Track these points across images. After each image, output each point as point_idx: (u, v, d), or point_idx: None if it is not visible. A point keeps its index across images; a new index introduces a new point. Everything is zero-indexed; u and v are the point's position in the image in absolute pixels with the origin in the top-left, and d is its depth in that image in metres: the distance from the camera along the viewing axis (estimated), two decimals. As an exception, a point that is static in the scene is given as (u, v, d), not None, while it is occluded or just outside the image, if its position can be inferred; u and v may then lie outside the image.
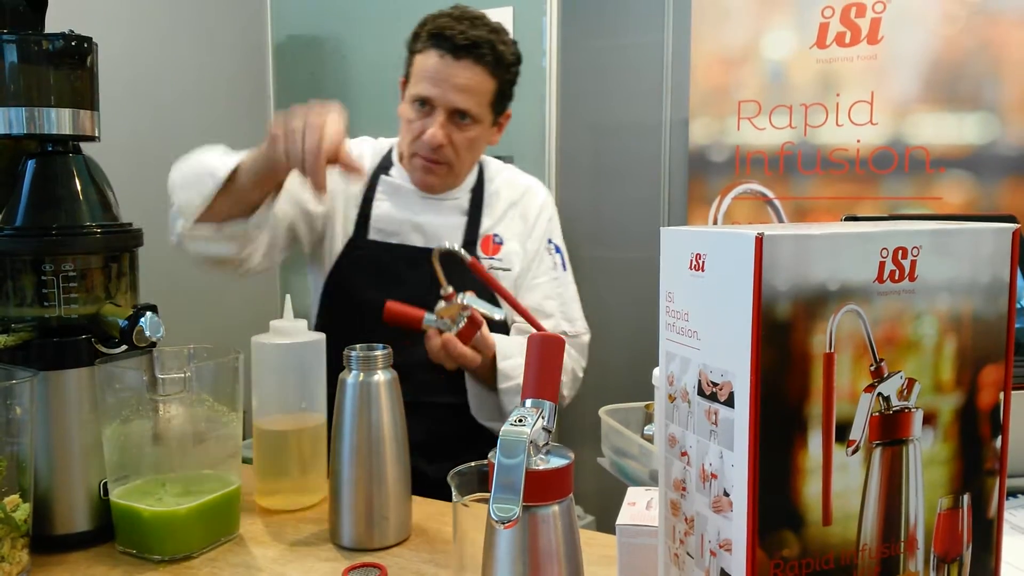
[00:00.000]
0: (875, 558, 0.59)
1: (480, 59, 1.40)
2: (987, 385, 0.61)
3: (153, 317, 0.91)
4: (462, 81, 1.39)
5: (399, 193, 1.51)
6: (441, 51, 1.39)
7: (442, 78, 1.39)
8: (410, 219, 1.49)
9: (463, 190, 1.54)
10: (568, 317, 1.59)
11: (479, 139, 1.47)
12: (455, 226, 1.51)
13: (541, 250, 1.58)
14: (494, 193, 1.56)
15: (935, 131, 1.97)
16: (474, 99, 1.41)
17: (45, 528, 0.90)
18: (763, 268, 0.55)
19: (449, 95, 1.39)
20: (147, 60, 2.37)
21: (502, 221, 1.55)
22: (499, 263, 1.52)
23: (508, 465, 0.59)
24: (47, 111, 0.91)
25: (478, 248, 1.51)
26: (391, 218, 1.49)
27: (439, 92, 1.39)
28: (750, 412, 0.56)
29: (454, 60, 1.38)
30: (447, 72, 1.38)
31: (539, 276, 1.57)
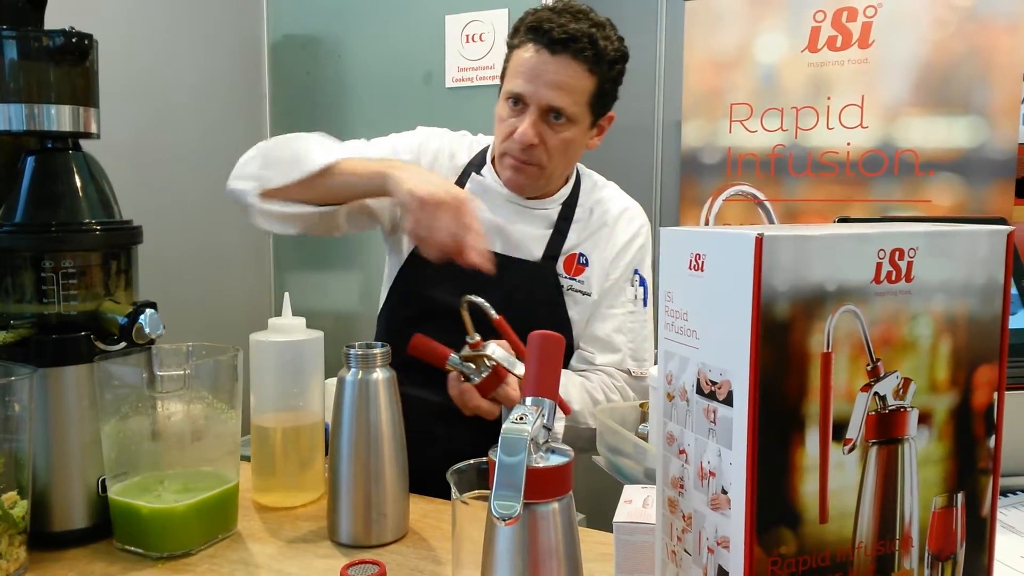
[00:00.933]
0: (871, 555, 0.60)
1: (578, 54, 1.30)
2: (981, 385, 0.63)
3: (153, 314, 0.92)
4: (557, 77, 1.30)
5: (487, 194, 1.42)
6: (538, 45, 1.31)
7: (536, 74, 1.30)
8: (493, 222, 1.39)
9: (555, 200, 1.44)
10: (637, 356, 1.47)
11: (575, 141, 1.37)
12: (539, 237, 1.42)
13: (624, 280, 1.47)
14: (588, 210, 1.46)
15: (925, 134, 1.99)
16: (569, 97, 1.32)
17: (43, 525, 0.91)
18: (762, 268, 0.55)
19: (542, 91, 1.31)
20: (144, 59, 2.37)
21: (590, 240, 1.45)
22: (580, 285, 1.42)
23: (509, 463, 0.60)
24: (47, 108, 0.91)
25: (560, 265, 1.41)
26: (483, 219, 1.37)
27: (532, 88, 1.31)
28: (748, 411, 0.57)
29: (550, 55, 1.30)
30: (542, 67, 1.30)
31: (615, 307, 1.45)
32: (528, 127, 1.31)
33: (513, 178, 1.39)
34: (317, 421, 1.05)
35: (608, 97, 1.40)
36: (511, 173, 1.38)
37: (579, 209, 1.46)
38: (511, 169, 1.38)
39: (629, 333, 1.46)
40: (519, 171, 1.37)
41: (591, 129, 1.40)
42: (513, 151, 1.35)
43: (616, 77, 1.39)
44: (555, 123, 1.33)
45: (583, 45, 1.30)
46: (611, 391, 1.41)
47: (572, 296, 1.41)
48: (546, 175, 1.39)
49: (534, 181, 1.39)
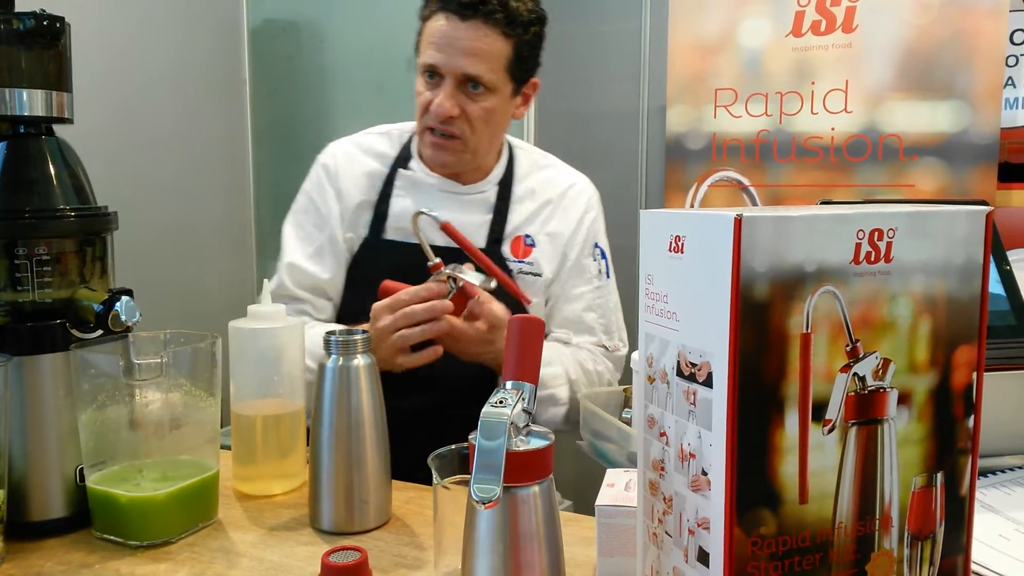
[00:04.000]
0: (851, 535, 0.60)
1: (489, 17, 1.27)
2: (960, 365, 0.63)
3: (129, 301, 0.90)
4: (469, 44, 1.26)
5: (418, 188, 1.39)
6: (447, 12, 1.27)
7: (447, 42, 1.27)
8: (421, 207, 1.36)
9: (490, 181, 1.42)
10: (607, 330, 1.47)
11: (496, 111, 1.33)
12: (481, 224, 1.39)
13: (585, 257, 1.45)
14: (530, 189, 1.44)
15: (908, 119, 2.00)
16: (485, 64, 1.28)
17: (20, 515, 0.90)
18: (742, 250, 0.55)
19: (456, 60, 1.27)
20: (121, 43, 2.34)
21: (535, 221, 1.42)
22: (528, 267, 1.40)
23: (489, 447, 0.59)
24: (19, 92, 0.90)
25: (506, 248, 1.39)
26: (409, 216, 1.34)
27: (445, 57, 1.27)
28: (728, 392, 0.57)
29: (460, 21, 1.26)
30: (453, 35, 1.26)
31: (581, 286, 1.45)
32: (444, 98, 1.28)
33: (436, 156, 1.35)
34: (298, 409, 1.05)
35: (528, 62, 1.36)
36: (433, 151, 1.35)
37: (518, 187, 1.43)
38: (432, 147, 1.34)
39: (598, 309, 1.46)
40: (441, 148, 1.34)
41: (515, 97, 1.37)
42: (432, 123, 1.31)
43: (534, 40, 1.35)
44: (473, 92, 1.30)
45: (493, 7, 1.27)
46: (597, 363, 1.43)
47: (523, 279, 1.39)
48: (471, 149, 1.35)
49: (458, 156, 1.36)
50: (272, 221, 2.72)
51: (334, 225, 1.41)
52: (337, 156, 1.45)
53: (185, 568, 0.85)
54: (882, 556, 0.62)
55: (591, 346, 1.45)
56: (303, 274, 1.41)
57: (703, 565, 0.60)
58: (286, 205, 1.50)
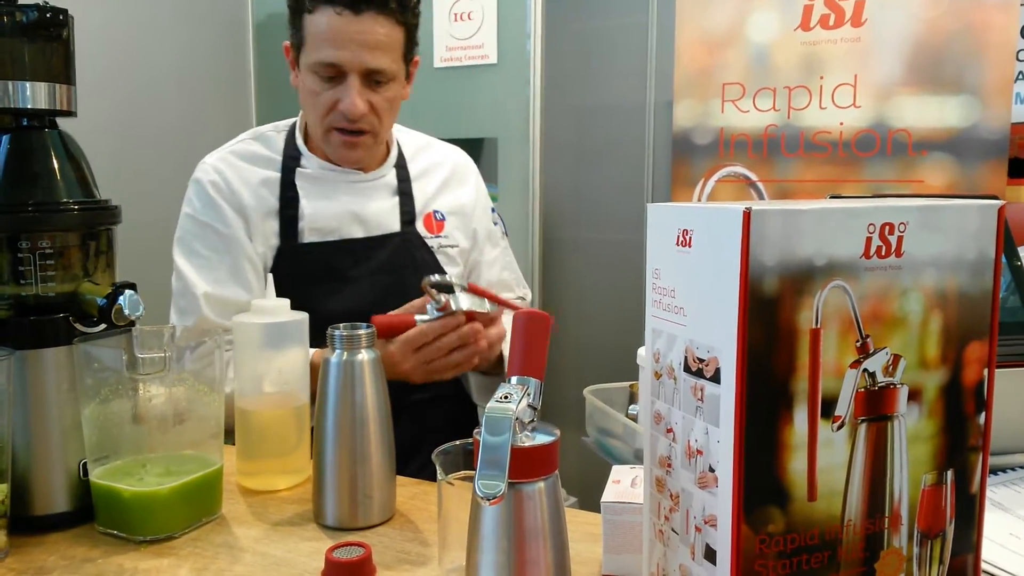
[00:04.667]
0: (859, 534, 0.60)
1: (384, 7, 1.23)
2: (972, 362, 0.62)
3: (132, 295, 0.90)
4: (371, 37, 1.23)
5: (321, 184, 1.35)
6: (337, 7, 1.21)
7: (347, 38, 1.22)
8: (345, 210, 1.35)
9: (388, 165, 1.42)
10: (519, 282, 1.57)
11: (397, 98, 1.33)
12: (391, 208, 1.39)
13: (487, 222, 1.52)
14: (421, 169, 1.46)
15: (917, 114, 1.98)
16: (387, 55, 1.25)
17: (24, 509, 0.89)
18: (751, 243, 0.54)
19: (360, 55, 1.23)
20: (126, 38, 2.33)
21: (438, 197, 1.46)
22: (446, 240, 1.43)
23: (493, 442, 0.59)
24: (22, 85, 0.89)
25: (420, 226, 1.41)
26: (324, 214, 1.34)
27: (347, 54, 1.22)
28: (736, 388, 0.56)
29: (355, 15, 1.21)
30: (351, 30, 1.21)
31: (493, 250, 1.53)
32: (355, 97, 1.25)
33: (348, 154, 1.34)
34: (302, 404, 1.04)
35: (414, 43, 1.34)
36: (345, 150, 1.33)
37: (412, 167, 1.45)
38: (344, 146, 1.32)
39: (509, 267, 1.56)
40: (354, 146, 1.32)
41: (405, 79, 1.35)
42: (340, 123, 1.29)
43: (418, 21, 1.33)
44: (378, 85, 1.28)
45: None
46: None
47: (443, 253, 1.42)
48: (379, 140, 1.36)
49: (369, 150, 1.35)
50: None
51: (242, 241, 1.34)
52: (220, 170, 1.37)
53: (188, 563, 0.84)
54: (891, 554, 0.61)
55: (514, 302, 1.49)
56: (225, 302, 1.30)
57: (710, 563, 0.59)
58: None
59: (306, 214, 1.34)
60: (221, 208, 1.34)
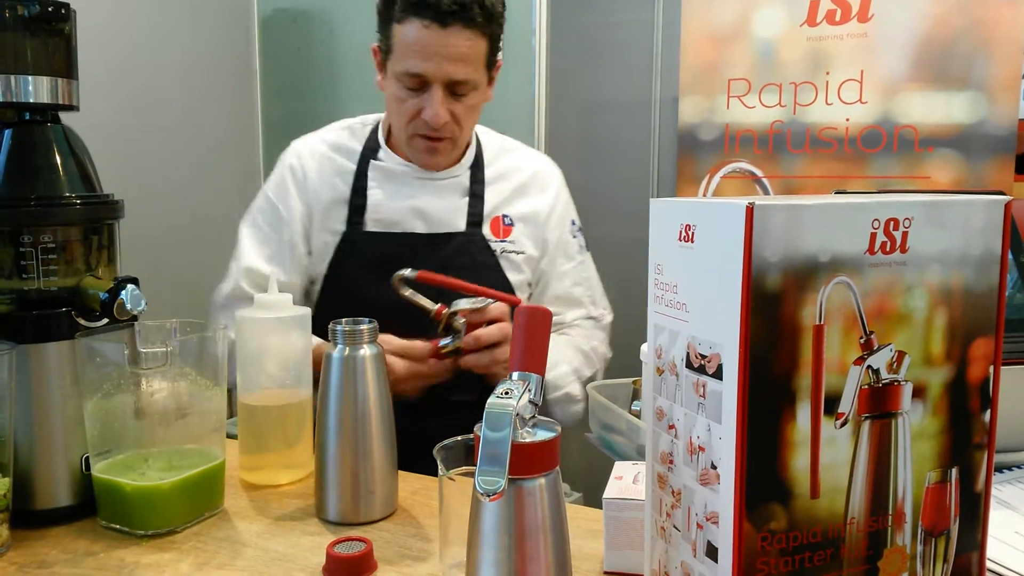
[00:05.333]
0: (863, 531, 0.59)
1: (471, 22, 1.25)
2: (977, 358, 0.61)
3: (134, 290, 0.90)
4: (456, 50, 1.25)
5: (393, 178, 1.40)
6: (425, 20, 1.24)
7: (432, 50, 1.25)
8: (409, 204, 1.38)
9: (463, 166, 1.43)
10: (593, 301, 1.53)
11: (479, 105, 1.36)
12: (458, 207, 1.41)
13: (565, 235, 1.49)
14: (498, 172, 1.46)
15: (924, 110, 1.97)
16: (471, 66, 1.28)
17: (26, 503, 0.89)
18: (753, 239, 0.54)
19: (445, 67, 1.26)
20: (131, 34, 2.33)
21: (511, 202, 1.45)
22: (511, 246, 1.42)
23: (494, 438, 0.58)
24: (24, 79, 0.89)
25: (486, 229, 1.41)
26: (388, 206, 1.38)
27: (433, 66, 1.26)
28: (738, 384, 0.55)
29: (442, 28, 1.24)
30: (437, 43, 1.25)
31: (566, 263, 1.49)
32: (439, 107, 1.28)
33: (430, 159, 1.37)
34: (304, 398, 1.04)
35: (497, 49, 1.35)
36: (426, 155, 1.37)
37: (489, 170, 1.45)
38: (426, 152, 1.36)
39: (584, 283, 1.52)
40: (435, 151, 1.36)
41: (487, 85, 1.37)
42: (424, 131, 1.32)
43: (502, 28, 1.34)
44: (460, 95, 1.30)
45: (474, 11, 1.25)
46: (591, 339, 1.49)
47: (507, 258, 1.42)
48: (459, 145, 1.39)
49: (449, 154, 1.39)
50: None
51: (295, 229, 1.41)
52: (303, 156, 1.44)
53: (190, 558, 0.84)
54: (895, 552, 0.60)
55: (581, 321, 1.50)
56: (261, 277, 1.38)
57: (712, 560, 0.59)
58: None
59: (371, 204, 1.39)
60: (289, 193, 1.42)
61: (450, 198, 1.41)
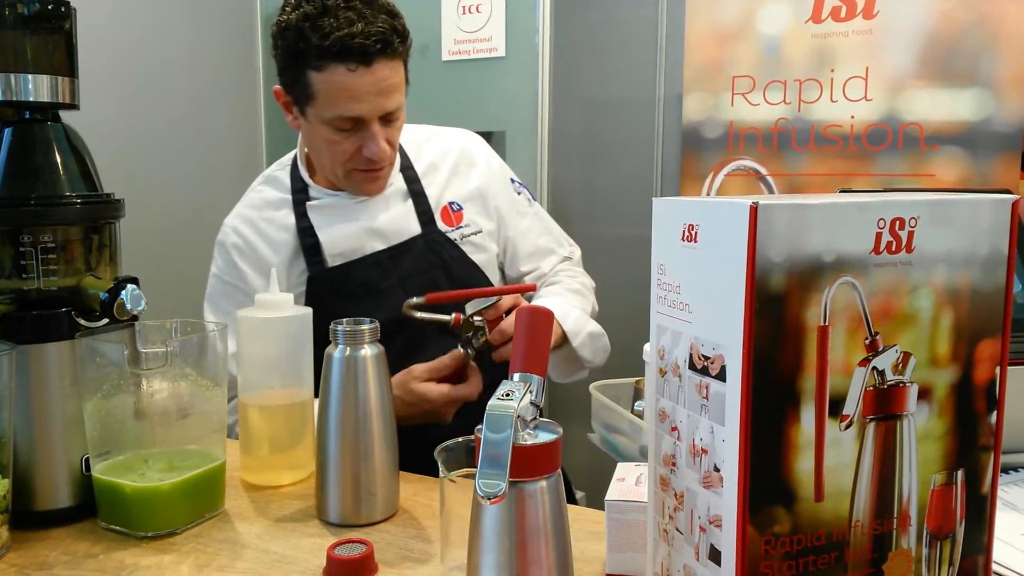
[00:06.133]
0: (867, 534, 0.58)
1: (393, 53, 1.22)
2: (983, 360, 0.60)
3: (134, 289, 0.89)
4: (385, 84, 1.22)
5: (334, 211, 1.36)
6: (349, 64, 1.19)
7: (363, 91, 1.21)
8: (360, 227, 1.36)
9: (393, 174, 1.41)
10: (560, 243, 1.55)
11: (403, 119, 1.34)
12: (405, 213, 1.38)
13: (511, 194, 1.50)
14: (427, 165, 1.44)
15: (930, 107, 1.96)
16: (399, 91, 1.26)
17: (26, 504, 0.89)
18: (757, 238, 0.53)
19: (378, 103, 1.23)
20: (134, 33, 2.33)
21: (450, 187, 1.44)
22: (468, 228, 1.42)
23: (495, 440, 0.58)
24: (24, 77, 0.88)
25: (440, 223, 1.40)
26: (342, 238, 1.35)
27: (367, 107, 1.22)
28: (742, 386, 0.55)
29: (368, 68, 1.20)
30: (366, 83, 1.21)
31: (523, 220, 1.50)
32: (380, 142, 1.26)
33: (372, 187, 1.35)
34: (305, 399, 1.04)
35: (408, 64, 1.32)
36: (369, 184, 1.34)
37: (419, 166, 1.44)
38: (367, 182, 1.34)
39: (546, 232, 1.53)
40: (376, 179, 1.34)
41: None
42: (364, 167, 1.30)
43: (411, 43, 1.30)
44: (392, 120, 1.28)
45: (394, 42, 1.22)
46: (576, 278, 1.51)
47: (468, 243, 1.41)
48: (394, 163, 1.38)
49: (388, 175, 1.37)
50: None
51: None
52: (241, 231, 1.40)
53: (190, 559, 0.84)
54: (900, 556, 0.60)
55: (559, 265, 1.52)
56: None
57: (715, 563, 0.58)
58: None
59: (325, 242, 1.36)
60: (243, 271, 1.38)
61: (395, 207, 1.39)
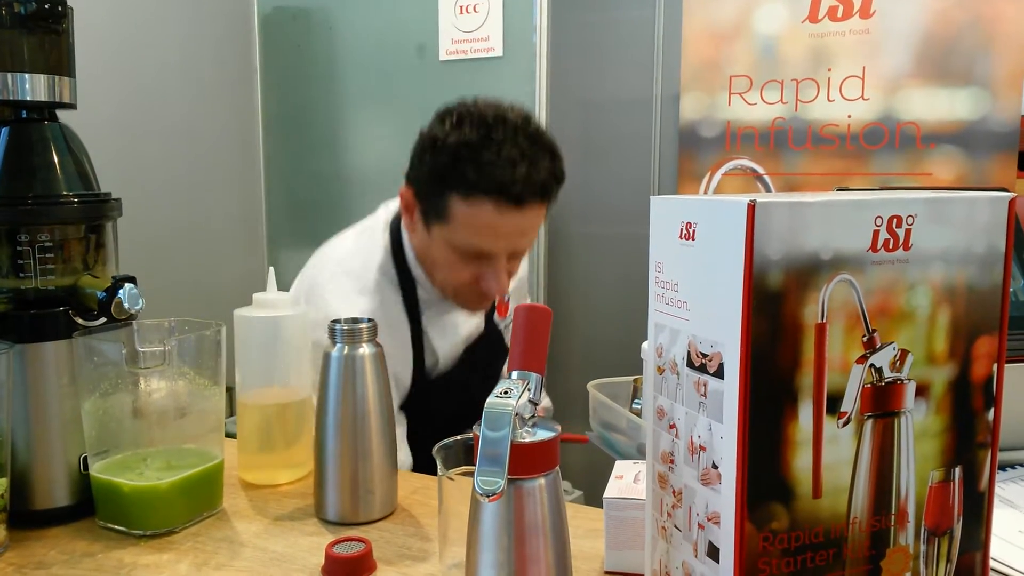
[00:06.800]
0: (865, 531, 0.59)
1: (546, 197, 1.18)
2: (980, 357, 0.61)
3: (132, 289, 0.89)
4: (527, 225, 1.17)
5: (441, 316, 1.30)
6: (499, 202, 1.13)
7: (505, 231, 1.16)
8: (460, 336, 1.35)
9: None
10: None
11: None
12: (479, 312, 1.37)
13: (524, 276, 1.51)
14: None
15: (926, 107, 1.96)
16: (534, 232, 1.21)
17: (24, 503, 0.89)
18: (755, 236, 0.53)
19: (514, 243, 1.18)
20: (130, 31, 2.33)
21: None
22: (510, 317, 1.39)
23: (493, 438, 0.58)
24: (21, 76, 0.88)
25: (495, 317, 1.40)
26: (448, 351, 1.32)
27: (503, 244, 1.17)
28: (740, 383, 0.55)
29: (517, 208, 1.14)
30: (511, 224, 1.15)
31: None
32: (503, 279, 1.21)
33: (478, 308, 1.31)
34: (303, 397, 1.04)
35: None
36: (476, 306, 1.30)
37: None
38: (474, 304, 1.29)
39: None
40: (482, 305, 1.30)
41: None
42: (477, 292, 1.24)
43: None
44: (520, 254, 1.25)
45: (551, 187, 1.18)
46: None
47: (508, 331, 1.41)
48: None
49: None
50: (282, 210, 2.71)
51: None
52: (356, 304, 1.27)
53: (188, 558, 0.84)
54: (897, 552, 0.60)
55: None
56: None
57: (713, 560, 0.59)
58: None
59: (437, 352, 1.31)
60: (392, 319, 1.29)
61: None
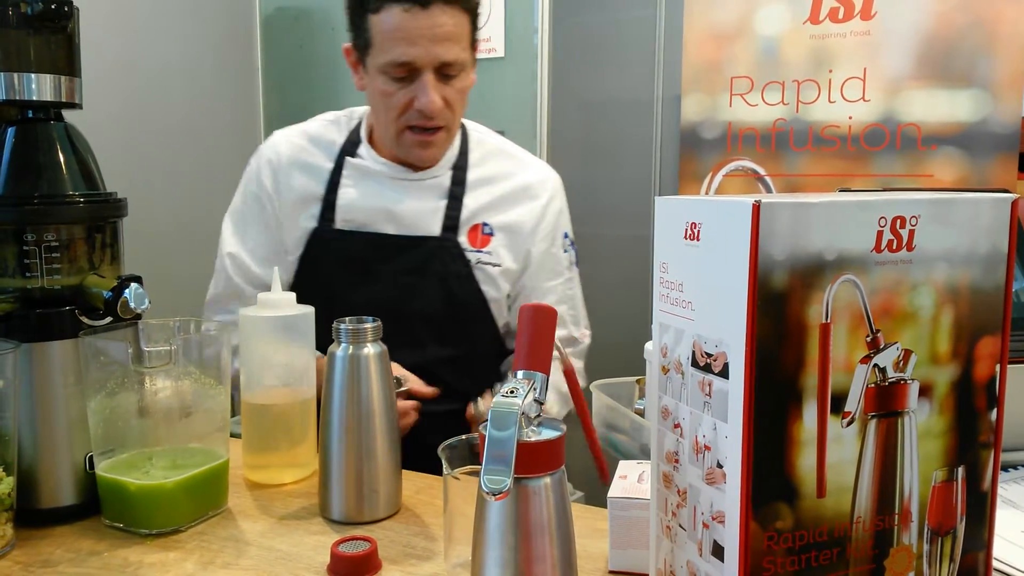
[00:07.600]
0: (869, 531, 0.59)
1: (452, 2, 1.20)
2: (983, 357, 0.61)
3: (138, 288, 0.90)
4: (441, 30, 1.19)
5: (368, 176, 1.34)
6: (404, 4, 1.18)
7: (418, 34, 1.19)
8: (381, 207, 1.32)
9: (443, 166, 1.35)
10: (576, 320, 1.46)
11: (467, 87, 1.30)
12: (434, 210, 1.33)
13: (554, 248, 1.41)
14: (484, 176, 1.37)
15: (927, 108, 1.96)
16: (458, 44, 1.22)
17: (30, 502, 0.89)
18: (760, 237, 0.54)
19: (433, 50, 1.20)
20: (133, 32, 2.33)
21: (493, 209, 1.36)
22: (488, 256, 1.34)
23: (499, 437, 0.58)
24: (27, 76, 0.89)
25: (463, 237, 1.33)
26: (358, 207, 1.33)
27: (420, 51, 1.19)
28: (744, 383, 0.55)
29: (423, 9, 1.18)
30: (421, 25, 1.19)
31: (552, 279, 1.41)
32: (431, 93, 1.22)
33: (423, 153, 1.31)
34: (308, 397, 1.04)
35: (478, 25, 1.30)
36: (419, 149, 1.30)
37: (473, 172, 1.38)
38: (418, 146, 1.29)
39: (568, 301, 1.43)
40: (428, 144, 1.29)
41: (471, 67, 1.31)
42: (417, 121, 1.26)
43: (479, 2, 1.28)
44: (450, 78, 1.25)
45: None
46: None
47: (482, 270, 1.34)
48: (452, 135, 1.33)
49: (443, 146, 1.33)
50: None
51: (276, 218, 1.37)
52: (280, 149, 1.39)
53: (194, 557, 0.84)
54: (901, 552, 0.60)
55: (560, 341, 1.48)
56: (246, 267, 1.37)
57: (717, 559, 0.59)
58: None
59: (343, 203, 1.33)
60: (265, 183, 1.38)
61: (427, 200, 1.34)
